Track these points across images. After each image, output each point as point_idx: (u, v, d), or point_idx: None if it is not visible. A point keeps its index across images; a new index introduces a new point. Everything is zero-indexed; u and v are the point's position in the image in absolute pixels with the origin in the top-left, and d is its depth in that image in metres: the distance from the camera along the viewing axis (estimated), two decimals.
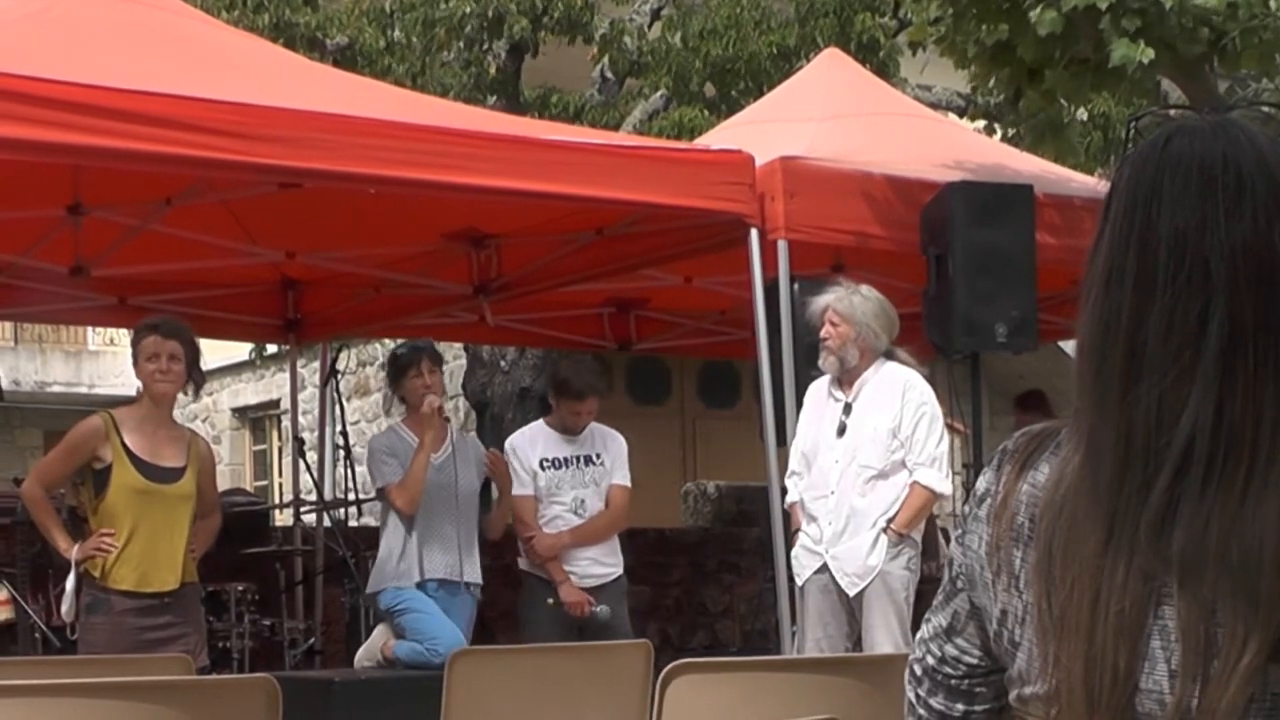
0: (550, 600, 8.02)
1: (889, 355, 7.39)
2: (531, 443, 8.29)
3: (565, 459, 8.22)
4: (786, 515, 7.58)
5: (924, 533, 7.53)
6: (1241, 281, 1.56)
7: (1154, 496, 1.55)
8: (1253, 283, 1.56)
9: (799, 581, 7.39)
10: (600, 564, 8.21)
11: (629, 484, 8.33)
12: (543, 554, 8.07)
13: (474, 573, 7.85)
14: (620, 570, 8.30)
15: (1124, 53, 7.90)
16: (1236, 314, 1.55)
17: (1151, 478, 1.56)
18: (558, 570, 8.07)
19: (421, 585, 7.66)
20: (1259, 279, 1.56)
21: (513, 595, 8.42)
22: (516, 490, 8.20)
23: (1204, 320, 1.56)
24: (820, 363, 7.40)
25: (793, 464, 7.52)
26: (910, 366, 7.42)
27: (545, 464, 8.19)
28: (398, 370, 7.92)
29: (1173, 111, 1.71)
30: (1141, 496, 1.56)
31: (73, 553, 6.75)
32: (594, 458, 8.24)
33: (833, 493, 7.27)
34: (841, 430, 7.31)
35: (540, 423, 8.44)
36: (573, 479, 8.19)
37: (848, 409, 7.33)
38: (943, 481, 7.34)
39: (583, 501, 8.18)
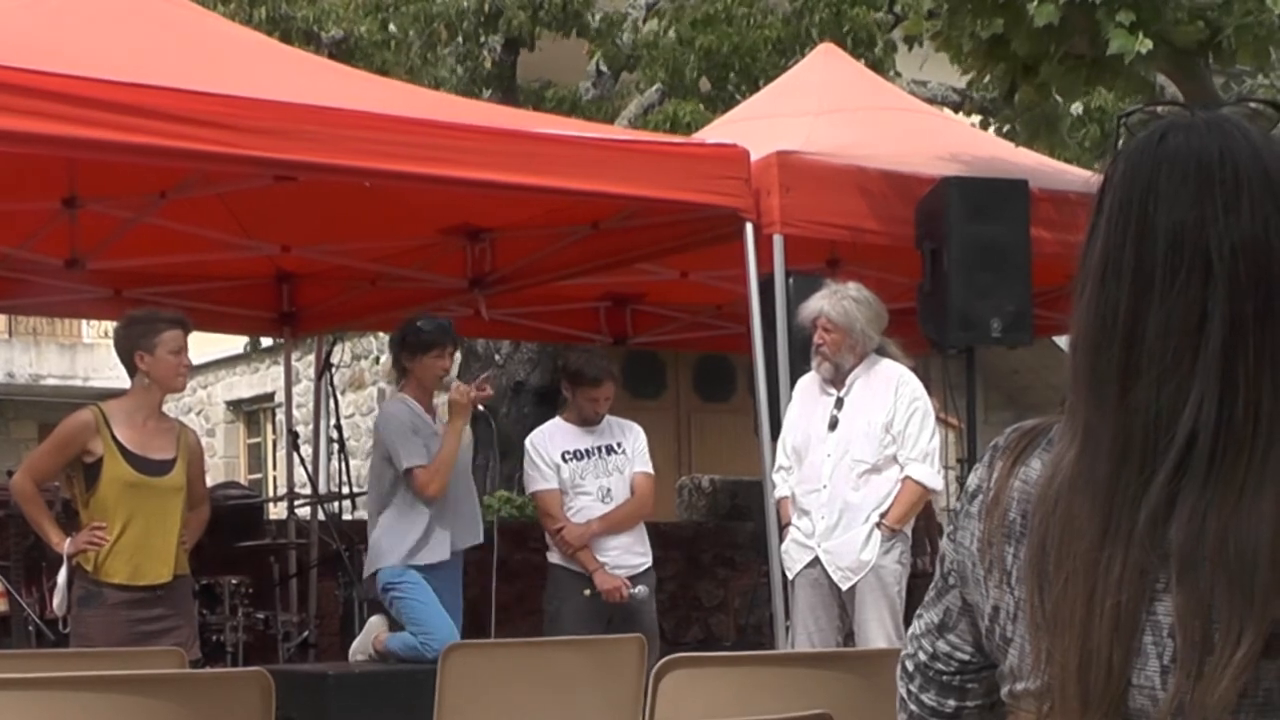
0: (587, 592, 8.03)
1: (880, 350, 7.40)
2: (550, 438, 8.29)
3: (586, 450, 8.23)
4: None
5: (914, 527, 7.54)
6: (1242, 276, 1.56)
7: (1153, 492, 1.55)
8: (1252, 278, 1.56)
9: (790, 575, 7.40)
10: (631, 553, 8.22)
11: (652, 471, 8.37)
12: (573, 544, 8.08)
13: (469, 538, 7.86)
14: (650, 561, 8.31)
15: (1122, 43, 7.91)
16: (1237, 309, 1.56)
17: (1151, 473, 1.56)
18: (590, 559, 8.08)
19: (422, 568, 7.65)
20: (1258, 274, 1.56)
21: (509, 588, 8.43)
22: (540, 485, 8.22)
23: (1204, 316, 1.56)
24: (815, 368, 7.42)
25: (780, 459, 7.53)
26: (899, 360, 7.44)
27: (567, 456, 8.19)
28: (421, 345, 7.75)
29: (1163, 108, 1.71)
30: (1140, 492, 1.56)
31: (65, 546, 6.74)
32: (615, 447, 8.27)
33: (825, 487, 7.28)
34: (833, 424, 7.32)
35: (557, 419, 8.44)
36: (596, 469, 8.20)
37: (839, 403, 7.34)
38: (934, 477, 7.35)
39: (608, 490, 8.19)
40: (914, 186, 8.24)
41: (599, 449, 8.26)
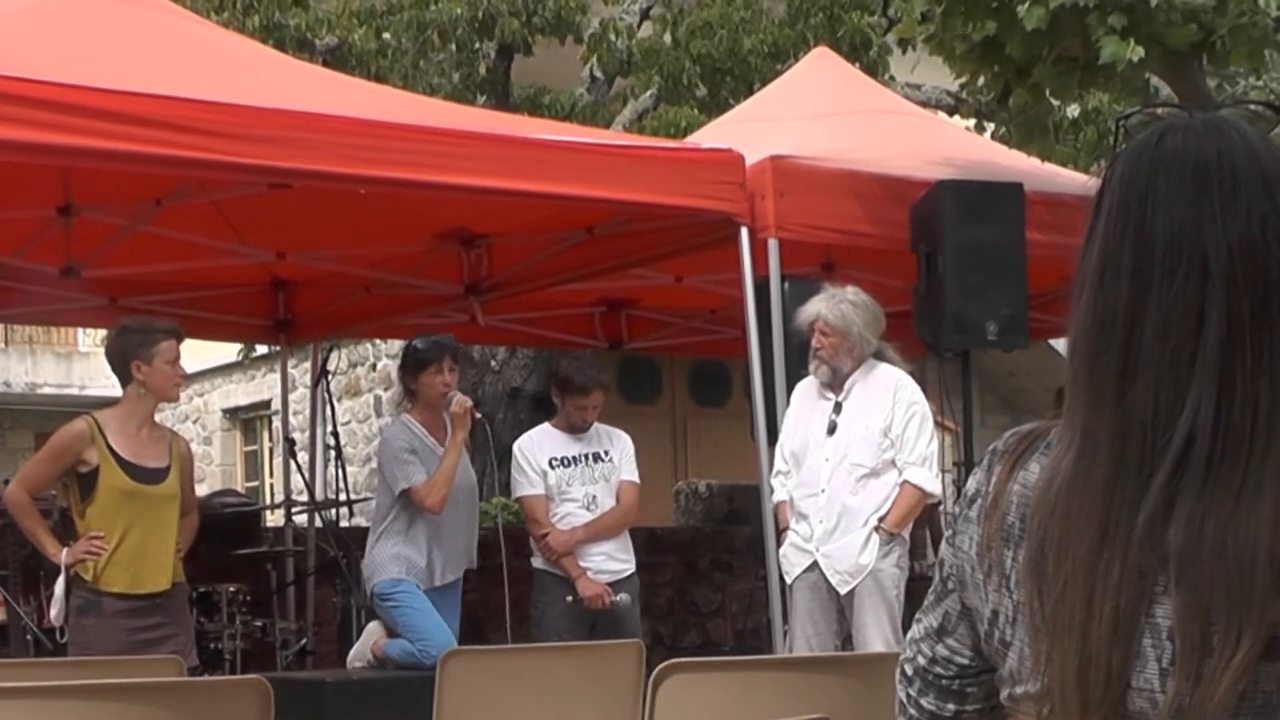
0: (569, 597, 8.05)
1: (878, 354, 7.41)
2: (539, 443, 8.32)
3: (574, 457, 8.26)
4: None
5: (911, 531, 7.54)
6: (1239, 278, 1.56)
7: (1151, 494, 1.55)
8: (1249, 279, 1.56)
9: (788, 579, 7.40)
10: (614, 559, 8.25)
11: (638, 480, 8.40)
12: (557, 550, 8.10)
13: (470, 560, 7.89)
14: (633, 567, 8.35)
15: (1113, 50, 7.91)
16: (1234, 310, 1.56)
17: (1149, 475, 1.56)
18: (574, 565, 8.11)
19: (426, 589, 7.66)
20: (1255, 275, 1.56)
21: (505, 595, 8.43)
22: (527, 490, 8.25)
23: (1202, 317, 1.56)
24: (813, 371, 7.42)
25: (778, 463, 7.53)
26: (897, 365, 7.44)
27: (554, 462, 8.22)
28: (417, 364, 7.82)
29: (1161, 110, 1.71)
30: (1138, 494, 1.56)
31: (62, 556, 6.74)
32: (602, 455, 8.29)
33: (823, 491, 7.28)
34: (832, 429, 7.32)
35: (545, 425, 8.46)
36: (583, 476, 8.23)
37: (838, 408, 7.34)
38: (933, 481, 7.35)
39: (594, 498, 8.22)
40: (908, 190, 8.24)
41: (586, 456, 8.28)
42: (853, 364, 7.34)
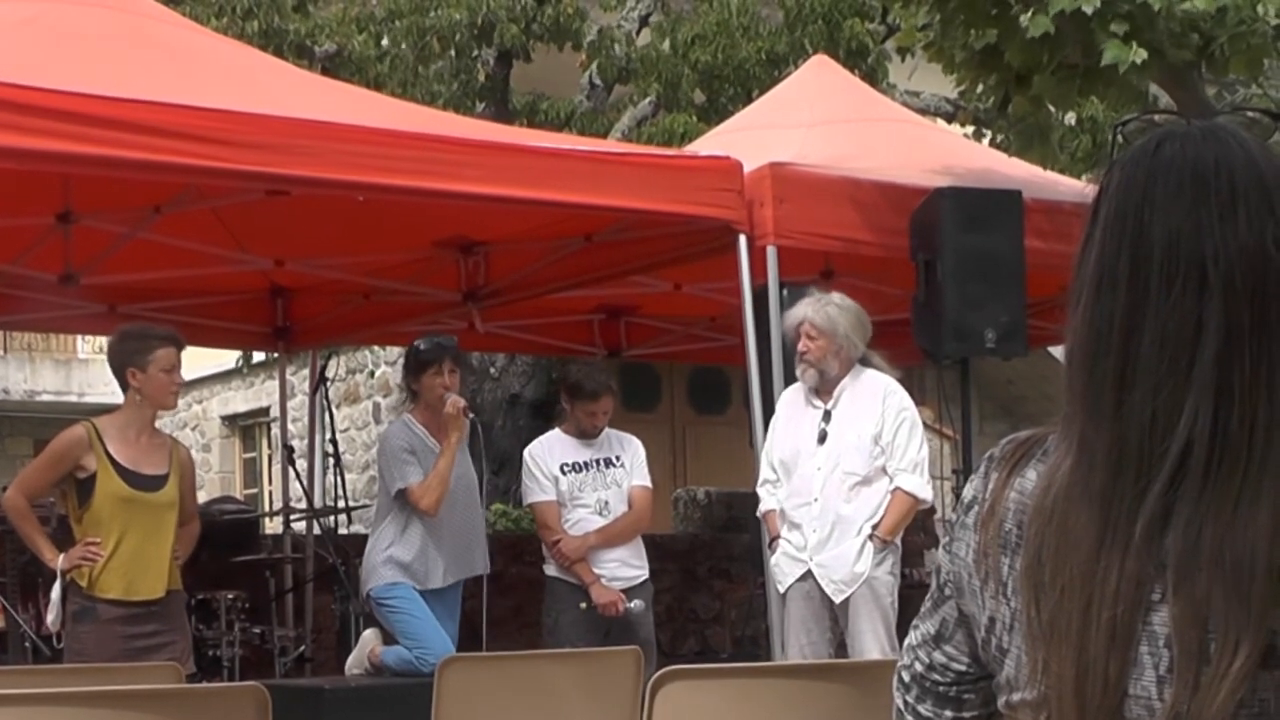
0: (583, 605, 8.03)
1: (864, 361, 7.39)
2: (550, 449, 8.29)
3: (585, 462, 8.24)
4: None
5: (903, 537, 7.52)
6: (1237, 286, 1.56)
7: (1149, 502, 1.55)
8: (1247, 287, 1.56)
9: (780, 589, 7.38)
10: (628, 565, 8.23)
11: (650, 485, 8.37)
12: (570, 556, 8.07)
13: (469, 567, 7.86)
14: (647, 573, 8.32)
15: (1115, 53, 7.91)
16: (1232, 318, 1.55)
17: (1147, 483, 1.55)
18: (587, 572, 8.08)
19: (422, 591, 7.65)
20: (1253, 283, 1.56)
21: (505, 601, 8.43)
22: (538, 496, 8.21)
23: (1200, 326, 1.56)
24: (799, 375, 7.40)
25: (765, 473, 7.50)
26: (885, 372, 7.42)
27: (566, 468, 8.19)
28: (418, 365, 7.81)
29: (1158, 117, 1.71)
30: (1136, 502, 1.55)
31: (58, 562, 6.73)
32: (614, 460, 8.27)
33: (816, 500, 7.25)
34: (823, 438, 7.30)
35: (556, 431, 8.43)
36: (594, 481, 8.20)
37: (827, 416, 7.32)
38: (924, 487, 7.34)
39: (606, 503, 8.19)
40: (907, 198, 8.24)
41: (598, 462, 8.26)
42: (840, 368, 7.31)
